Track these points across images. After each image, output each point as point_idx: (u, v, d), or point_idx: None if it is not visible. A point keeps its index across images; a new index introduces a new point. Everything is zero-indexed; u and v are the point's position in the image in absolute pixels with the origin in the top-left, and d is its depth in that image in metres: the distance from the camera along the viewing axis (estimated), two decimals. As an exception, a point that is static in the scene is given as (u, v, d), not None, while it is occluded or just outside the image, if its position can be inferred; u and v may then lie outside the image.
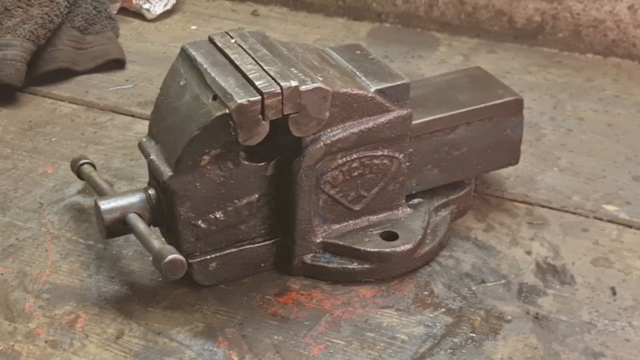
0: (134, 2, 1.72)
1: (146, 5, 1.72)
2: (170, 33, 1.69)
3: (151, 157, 1.00)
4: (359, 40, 1.62)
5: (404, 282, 1.05)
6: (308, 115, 0.96)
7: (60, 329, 0.99)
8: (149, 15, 1.72)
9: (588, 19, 1.56)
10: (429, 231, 1.09)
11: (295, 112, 0.95)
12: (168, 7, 1.74)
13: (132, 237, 1.04)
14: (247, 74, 0.96)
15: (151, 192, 1.02)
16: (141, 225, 0.99)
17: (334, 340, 0.97)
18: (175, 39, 1.65)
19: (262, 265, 1.06)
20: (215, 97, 0.95)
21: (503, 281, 1.06)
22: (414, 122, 1.05)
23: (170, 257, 0.93)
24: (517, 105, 1.13)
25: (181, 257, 0.94)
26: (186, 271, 0.96)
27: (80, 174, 1.16)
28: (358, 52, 1.10)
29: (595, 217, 1.16)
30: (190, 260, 1.01)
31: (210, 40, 1.04)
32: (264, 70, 0.97)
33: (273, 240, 1.05)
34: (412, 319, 1.00)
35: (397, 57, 1.58)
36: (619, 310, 1.01)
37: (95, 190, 1.11)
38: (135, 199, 1.01)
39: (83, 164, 1.16)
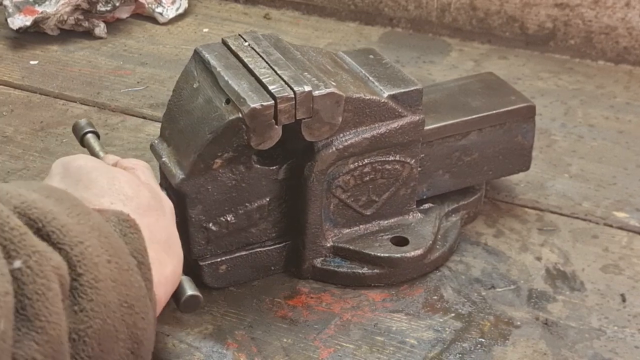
0: (146, 7, 1.72)
1: (159, 10, 1.72)
2: (182, 36, 1.69)
3: (163, 159, 1.01)
4: (371, 45, 1.62)
5: (414, 287, 1.05)
6: (321, 120, 0.96)
7: (71, 329, 0.99)
8: (161, 19, 1.72)
9: (600, 25, 1.56)
10: (439, 236, 1.09)
11: (308, 117, 0.95)
12: (180, 10, 1.75)
13: (143, 238, 1.05)
14: (261, 77, 0.96)
15: (163, 194, 1.02)
16: (153, 227, 0.99)
17: (343, 344, 0.97)
18: (187, 42, 1.66)
19: (272, 268, 1.06)
20: (228, 101, 0.95)
21: (513, 287, 1.06)
22: (426, 127, 1.05)
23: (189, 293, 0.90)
24: (529, 112, 1.13)
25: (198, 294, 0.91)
26: (196, 273, 0.96)
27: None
28: (371, 56, 1.10)
29: (605, 224, 1.16)
30: (201, 263, 1.01)
31: (224, 42, 1.04)
32: (277, 74, 0.97)
33: (283, 244, 1.05)
34: (422, 323, 1.00)
35: (409, 62, 1.58)
36: (628, 317, 1.01)
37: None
38: (147, 200, 1.01)
39: (87, 132, 1.07)
